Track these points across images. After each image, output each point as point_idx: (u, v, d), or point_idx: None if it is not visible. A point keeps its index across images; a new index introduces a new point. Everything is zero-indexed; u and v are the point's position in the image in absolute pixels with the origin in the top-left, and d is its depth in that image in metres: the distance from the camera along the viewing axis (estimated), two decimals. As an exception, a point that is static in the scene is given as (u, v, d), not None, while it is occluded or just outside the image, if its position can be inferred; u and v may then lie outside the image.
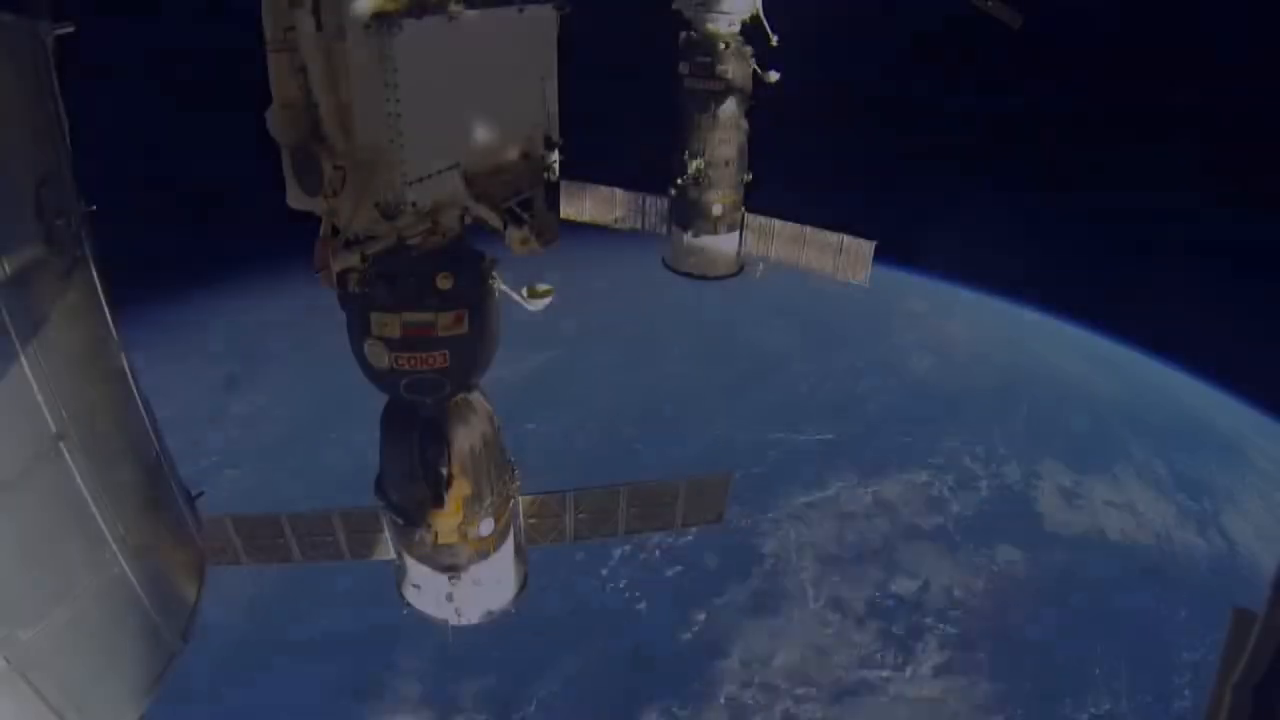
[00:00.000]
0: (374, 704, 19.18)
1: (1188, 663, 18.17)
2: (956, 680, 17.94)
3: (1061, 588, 21.09)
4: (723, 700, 17.71)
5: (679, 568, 20.43)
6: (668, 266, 11.23)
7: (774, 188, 11.45)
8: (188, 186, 27.53)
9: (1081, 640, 19.75)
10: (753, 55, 9.74)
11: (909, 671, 18.33)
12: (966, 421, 25.07)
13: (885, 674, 18.10)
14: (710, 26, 9.54)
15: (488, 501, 6.00)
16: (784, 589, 20.11)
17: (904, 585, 20.59)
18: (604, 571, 20.12)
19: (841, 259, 10.44)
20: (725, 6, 9.38)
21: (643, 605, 19.36)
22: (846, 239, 10.34)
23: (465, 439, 5.65)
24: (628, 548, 20.69)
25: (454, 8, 4.39)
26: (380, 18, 4.07)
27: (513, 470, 6.44)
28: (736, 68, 9.61)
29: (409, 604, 6.74)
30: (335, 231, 4.69)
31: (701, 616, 19.69)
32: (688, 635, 19.03)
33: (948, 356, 29.02)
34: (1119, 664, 19.25)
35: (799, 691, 17.61)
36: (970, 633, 19.24)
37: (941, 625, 19.25)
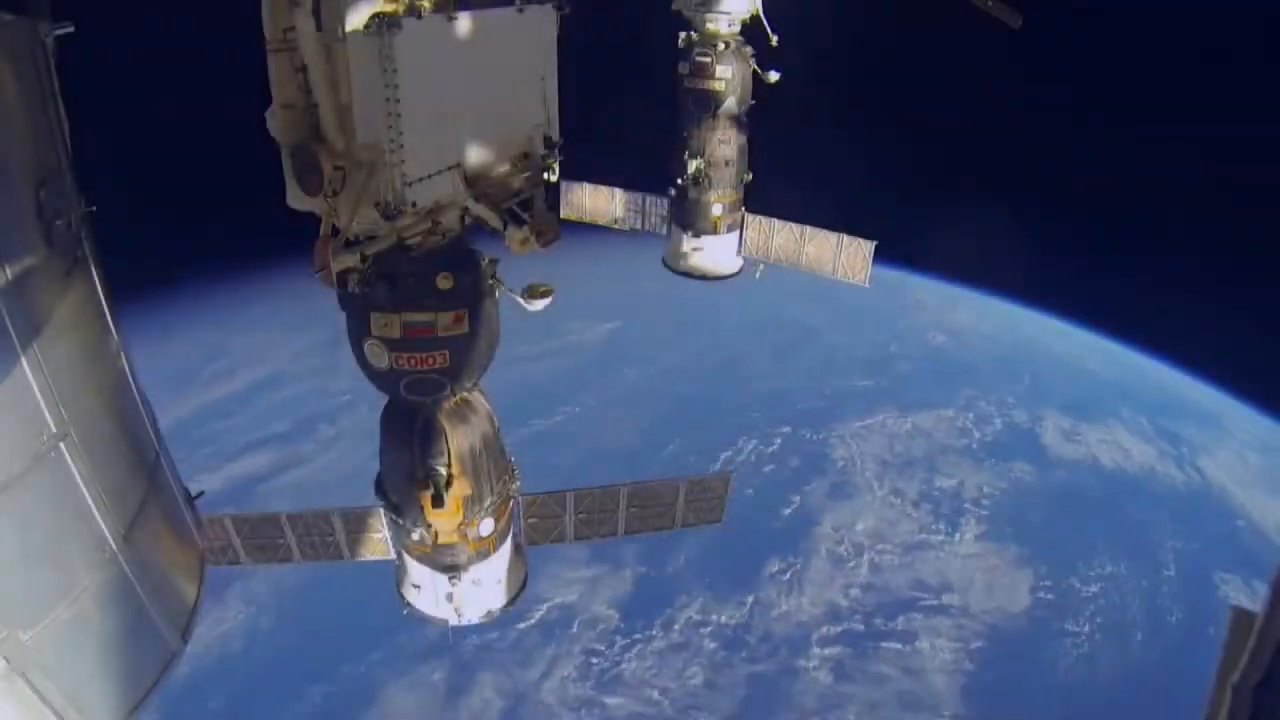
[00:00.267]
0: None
1: (1170, 548, 24.87)
2: (991, 544, 24.83)
3: (1066, 492, 26.99)
4: (823, 552, 24.80)
5: (771, 466, 27.35)
6: (667, 267, 11.22)
7: (774, 188, 11.45)
8: (188, 186, 27.60)
9: (1085, 526, 25.56)
10: (753, 55, 9.74)
11: (957, 537, 25.24)
12: (979, 381, 31.08)
13: (940, 538, 25.14)
14: (710, 26, 9.54)
15: (488, 501, 6.00)
16: (854, 482, 26.95)
17: (945, 483, 27.35)
18: (714, 467, 25.96)
19: (841, 259, 10.43)
20: (725, 6, 9.38)
21: (750, 491, 25.41)
22: (846, 239, 10.34)
23: (465, 439, 5.64)
24: (729, 452, 26.78)
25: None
26: (380, 18, 4.08)
27: (513, 470, 6.43)
28: (736, 68, 9.61)
29: (409, 604, 6.74)
30: (335, 231, 4.69)
31: (796, 499, 26.55)
32: (788, 510, 26.03)
33: (958, 336, 34.45)
34: (1117, 543, 25.23)
35: (879, 547, 24.72)
36: (998, 515, 25.58)
37: (976, 509, 26.03)
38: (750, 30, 9.66)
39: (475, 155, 4.76)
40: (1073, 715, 19.36)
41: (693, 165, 10.09)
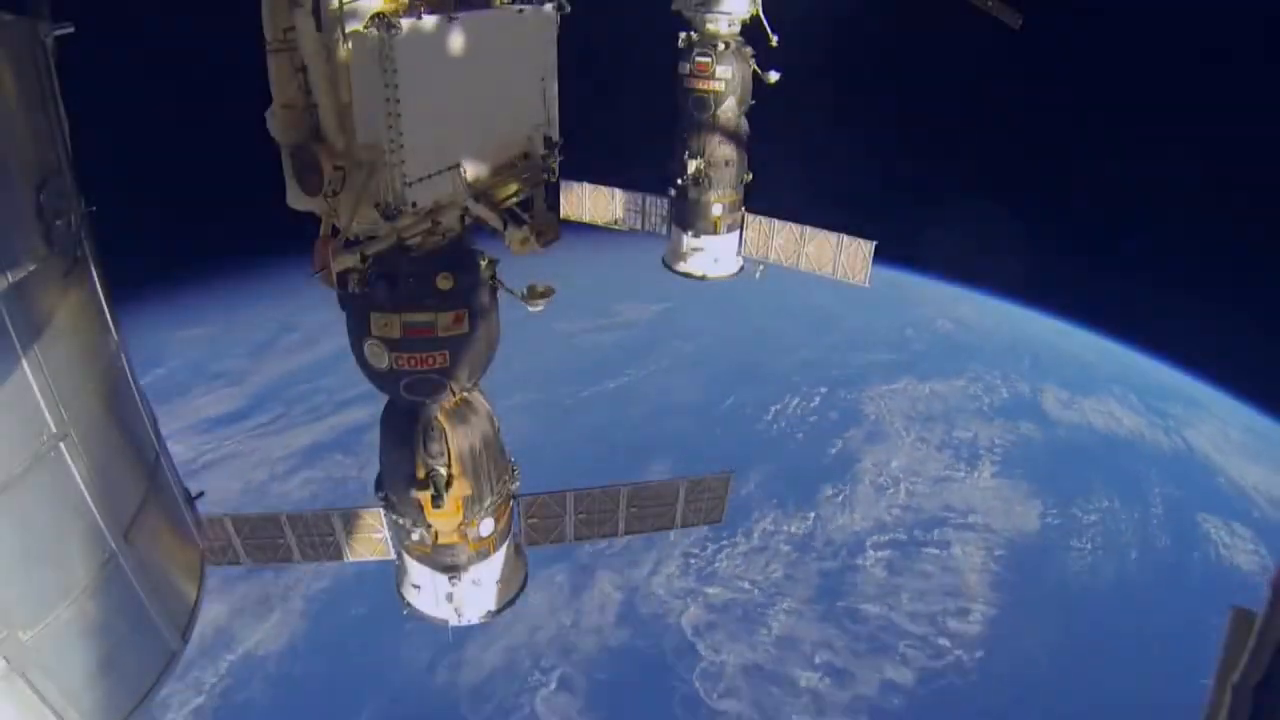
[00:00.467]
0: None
1: (1158, 492, 29.58)
2: (1005, 480, 30.35)
3: (1065, 446, 32.24)
4: (866, 481, 30.46)
5: (814, 417, 33.17)
6: (667, 267, 11.22)
7: (774, 188, 11.44)
8: (188, 186, 27.59)
9: (1083, 472, 30.86)
10: (753, 55, 9.74)
11: (975, 474, 30.78)
12: (984, 360, 36.39)
13: (961, 474, 30.74)
14: (710, 27, 9.53)
15: (488, 502, 6.00)
16: (885, 431, 32.54)
17: (961, 434, 32.80)
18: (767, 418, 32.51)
19: (842, 259, 10.43)
20: (725, 6, 9.38)
21: (800, 435, 32.44)
22: (846, 239, 10.33)
23: (465, 439, 5.64)
24: (778, 405, 32.73)
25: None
26: (380, 18, 4.07)
27: (513, 470, 6.43)
28: (736, 68, 9.61)
29: (409, 604, 6.74)
30: (335, 231, 4.69)
31: (839, 442, 32.23)
32: (833, 450, 31.84)
33: (963, 324, 39.33)
34: (1112, 486, 30.43)
35: (911, 479, 30.38)
36: (1009, 459, 31.30)
37: (990, 454, 31.57)
38: (750, 30, 9.66)
39: (475, 155, 4.76)
40: (1079, 604, 25.54)
41: (693, 165, 10.08)
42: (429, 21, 4.24)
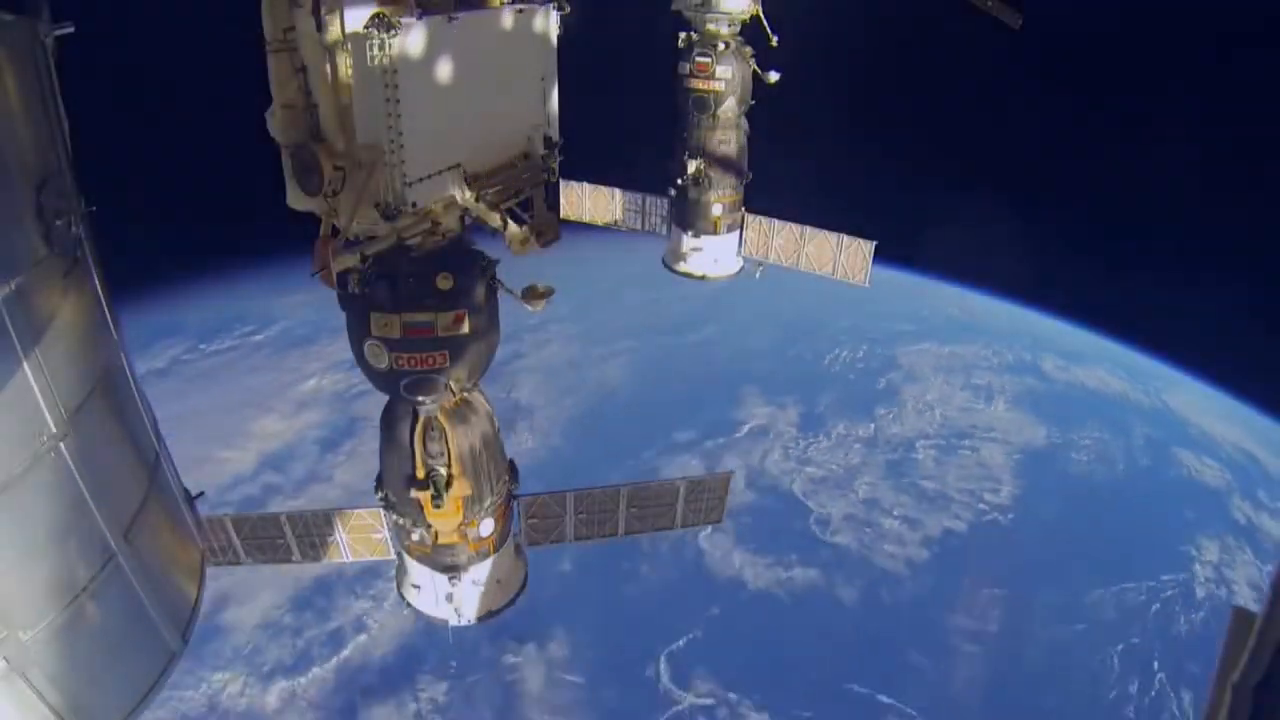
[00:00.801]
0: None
1: (1140, 433, 37.16)
2: (1016, 413, 38.74)
3: (1061, 396, 40.04)
4: (909, 406, 39.14)
5: (861, 364, 41.47)
6: (667, 267, 11.22)
7: (774, 188, 11.44)
8: (188, 186, 27.61)
9: (1078, 414, 38.66)
10: (753, 55, 9.74)
11: (992, 407, 39.24)
12: (989, 335, 43.67)
13: (980, 406, 39.29)
14: (710, 27, 9.53)
15: (488, 502, 6.00)
16: (917, 376, 40.63)
17: (978, 381, 40.80)
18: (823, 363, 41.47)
19: (842, 259, 10.43)
20: (725, 6, 9.38)
21: (852, 376, 40.87)
22: (846, 239, 10.33)
23: (465, 439, 5.64)
24: (830, 355, 41.65)
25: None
26: (380, 18, 4.08)
27: (513, 470, 6.43)
28: (736, 68, 9.61)
29: (409, 604, 6.74)
30: (335, 231, 4.69)
31: (883, 381, 40.47)
32: (880, 385, 40.28)
33: (969, 311, 45.45)
34: (1101, 425, 38.05)
35: (942, 407, 38.90)
36: (1017, 400, 39.44)
37: (1002, 395, 39.75)
38: (750, 30, 9.66)
39: (475, 155, 4.76)
40: (1079, 489, 34.44)
41: (693, 165, 10.08)
42: (429, 22, 4.25)
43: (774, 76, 9.79)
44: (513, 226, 5.00)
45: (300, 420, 34.88)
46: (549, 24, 5.03)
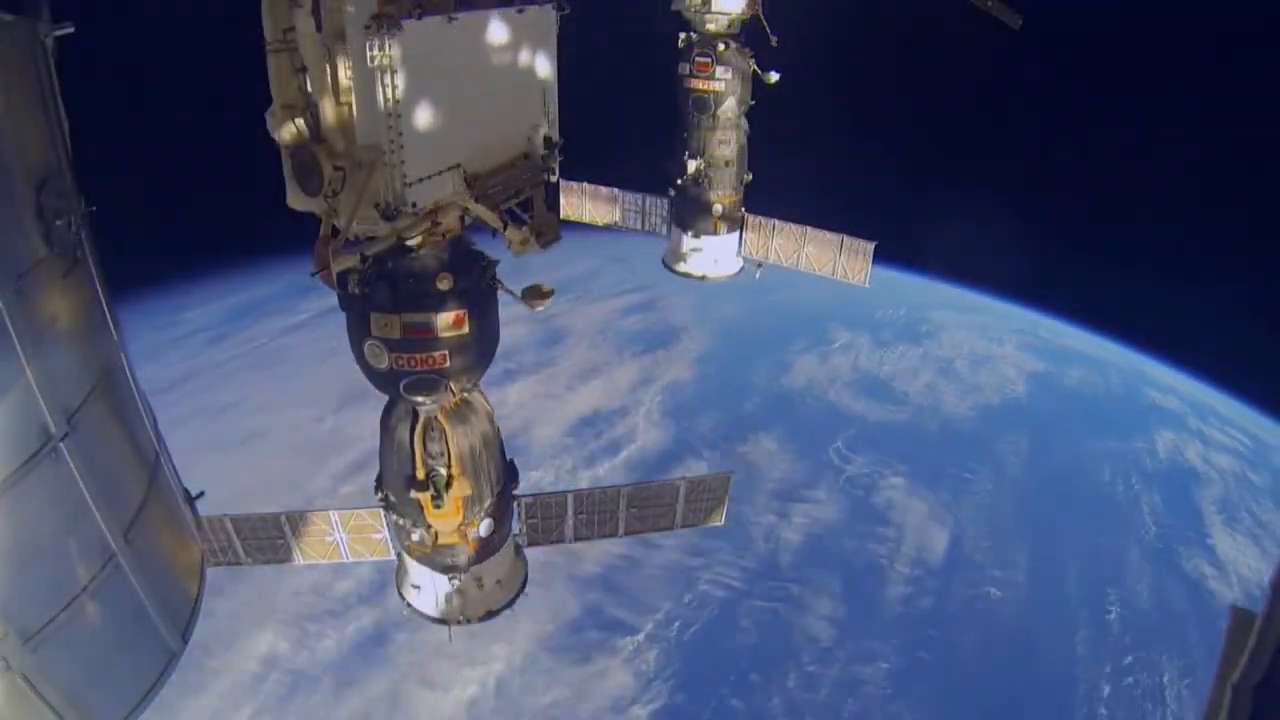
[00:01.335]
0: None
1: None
2: (1021, 358, 43.91)
3: (1052, 368, 43.71)
4: (933, 357, 43.84)
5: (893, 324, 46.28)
6: (667, 267, 11.22)
7: (774, 188, 11.44)
8: (188, 186, 27.62)
9: (1071, 379, 43.20)
10: (752, 55, 9.74)
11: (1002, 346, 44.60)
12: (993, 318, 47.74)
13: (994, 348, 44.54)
14: (710, 27, 9.54)
15: (488, 502, 6.00)
16: (937, 356, 44.10)
17: (987, 351, 44.66)
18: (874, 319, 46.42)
19: (842, 259, 10.43)
20: (725, 7, 9.39)
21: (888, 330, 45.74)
22: (846, 239, 10.33)
23: (465, 439, 5.64)
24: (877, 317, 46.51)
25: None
26: (380, 18, 4.07)
27: (512, 470, 6.43)
28: (736, 68, 9.62)
29: (409, 604, 6.74)
30: (335, 232, 4.69)
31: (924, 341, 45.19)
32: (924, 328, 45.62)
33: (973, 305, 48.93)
34: (1090, 381, 43.12)
35: (961, 360, 43.52)
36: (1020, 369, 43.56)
37: (1006, 361, 43.84)
38: (750, 30, 9.67)
39: (475, 155, 4.76)
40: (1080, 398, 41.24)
41: (693, 165, 10.09)
42: (429, 22, 4.24)
43: (774, 76, 9.79)
44: (512, 227, 5.00)
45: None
46: (549, 24, 5.03)
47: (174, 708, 21.15)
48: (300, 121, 4.56)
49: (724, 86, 9.64)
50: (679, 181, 10.37)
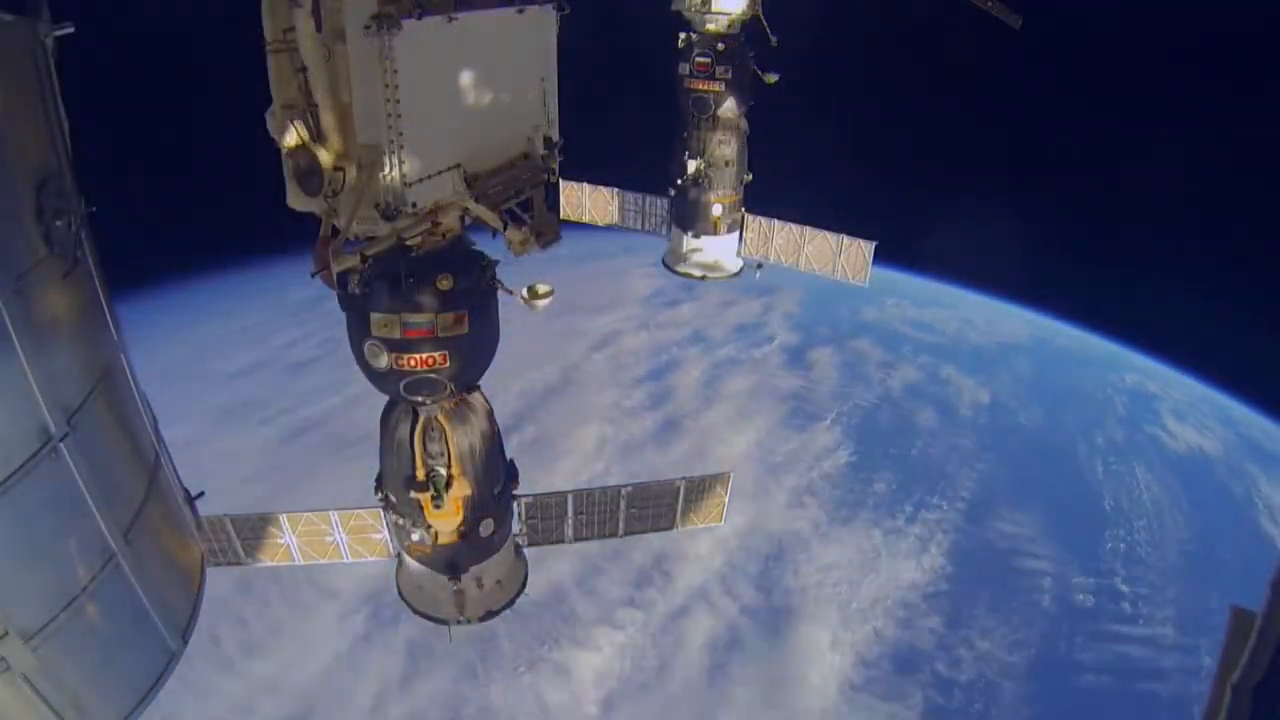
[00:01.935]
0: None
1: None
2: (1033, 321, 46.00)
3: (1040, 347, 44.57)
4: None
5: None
6: (667, 267, 11.22)
7: (774, 187, 11.45)
8: (188, 186, 27.62)
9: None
10: (752, 55, 9.74)
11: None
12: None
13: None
14: (710, 27, 9.54)
15: (488, 502, 6.00)
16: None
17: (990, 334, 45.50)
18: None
19: (842, 259, 10.44)
20: (725, 7, 9.39)
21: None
22: (846, 239, 10.33)
23: (465, 439, 5.64)
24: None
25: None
26: (380, 18, 4.07)
27: (513, 470, 6.43)
28: (736, 68, 9.62)
29: (409, 605, 6.74)
30: (335, 232, 4.69)
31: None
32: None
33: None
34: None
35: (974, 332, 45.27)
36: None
37: (1004, 337, 44.95)
38: (750, 30, 9.67)
39: (475, 155, 4.76)
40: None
41: (693, 165, 10.09)
42: (429, 21, 4.24)
43: (774, 76, 9.79)
44: (512, 227, 5.00)
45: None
46: (549, 24, 5.03)
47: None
48: (300, 122, 4.56)
49: (724, 86, 9.64)
50: (679, 181, 10.37)
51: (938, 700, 26.20)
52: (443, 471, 5.57)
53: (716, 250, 10.71)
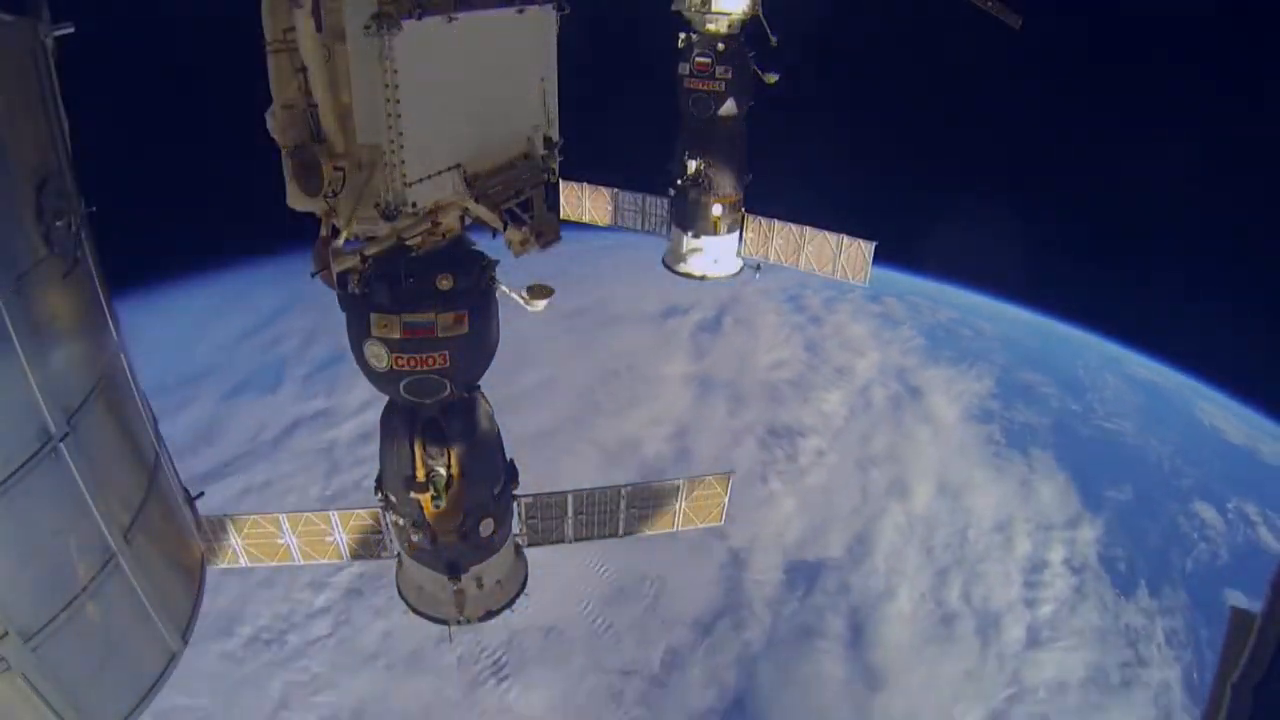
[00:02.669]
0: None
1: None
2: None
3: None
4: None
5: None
6: (668, 267, 11.22)
7: (774, 187, 11.45)
8: (187, 186, 27.63)
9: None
10: (752, 55, 9.74)
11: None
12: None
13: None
14: (710, 27, 9.54)
15: (488, 502, 6.00)
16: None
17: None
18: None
19: (842, 259, 10.43)
20: (725, 7, 9.39)
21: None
22: (846, 239, 10.33)
23: (465, 439, 5.64)
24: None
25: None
26: (380, 18, 4.07)
27: (512, 471, 6.43)
28: (736, 68, 9.62)
29: (409, 605, 6.74)
30: (335, 232, 4.69)
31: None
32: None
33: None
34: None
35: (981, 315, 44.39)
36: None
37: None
38: (750, 30, 9.67)
39: (475, 155, 4.76)
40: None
41: (693, 165, 10.08)
42: (429, 21, 4.24)
43: (774, 76, 9.79)
44: (512, 227, 5.00)
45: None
46: (549, 24, 5.03)
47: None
48: (300, 122, 4.56)
49: (724, 86, 9.63)
50: (679, 181, 10.36)
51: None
52: (443, 471, 5.57)
53: (716, 250, 10.71)
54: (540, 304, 5.27)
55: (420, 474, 5.59)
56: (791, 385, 38.37)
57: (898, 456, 34.01)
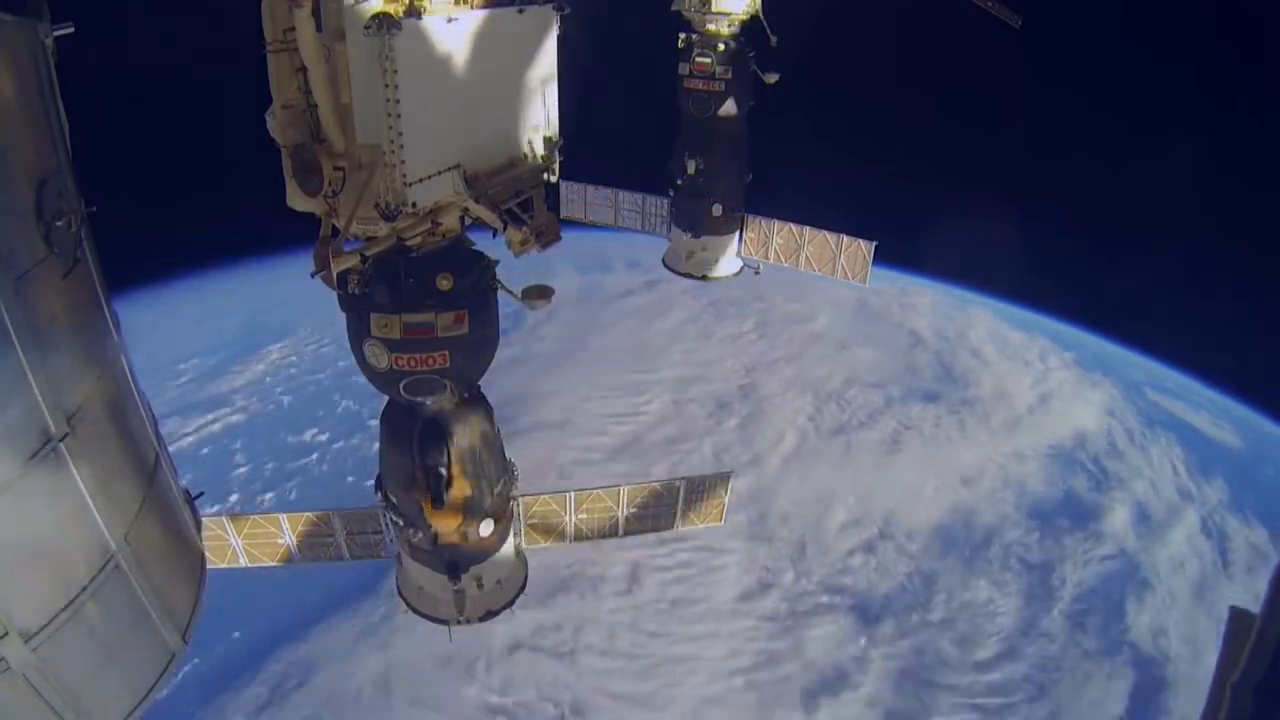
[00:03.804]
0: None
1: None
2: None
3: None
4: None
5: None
6: (668, 267, 11.22)
7: (774, 188, 11.44)
8: (187, 186, 27.63)
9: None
10: (753, 55, 9.74)
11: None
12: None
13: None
14: (710, 27, 9.53)
15: (487, 502, 6.00)
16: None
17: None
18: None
19: (842, 259, 10.43)
20: (725, 7, 9.38)
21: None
22: (846, 239, 10.33)
23: (465, 439, 5.64)
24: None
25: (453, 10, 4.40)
26: (380, 18, 4.07)
27: (513, 471, 6.43)
28: (736, 68, 9.61)
29: (409, 605, 6.74)
30: (335, 232, 4.69)
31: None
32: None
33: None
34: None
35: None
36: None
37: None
38: (750, 30, 9.67)
39: (475, 155, 4.76)
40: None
41: (693, 165, 10.08)
42: (429, 21, 4.24)
43: (774, 77, 9.78)
44: (512, 227, 5.00)
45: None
46: (549, 24, 5.03)
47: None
48: (300, 122, 4.56)
49: (724, 86, 9.63)
50: (679, 181, 10.36)
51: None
52: (443, 472, 5.57)
53: (716, 250, 10.71)
54: (540, 304, 5.27)
55: (420, 474, 5.59)
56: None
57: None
